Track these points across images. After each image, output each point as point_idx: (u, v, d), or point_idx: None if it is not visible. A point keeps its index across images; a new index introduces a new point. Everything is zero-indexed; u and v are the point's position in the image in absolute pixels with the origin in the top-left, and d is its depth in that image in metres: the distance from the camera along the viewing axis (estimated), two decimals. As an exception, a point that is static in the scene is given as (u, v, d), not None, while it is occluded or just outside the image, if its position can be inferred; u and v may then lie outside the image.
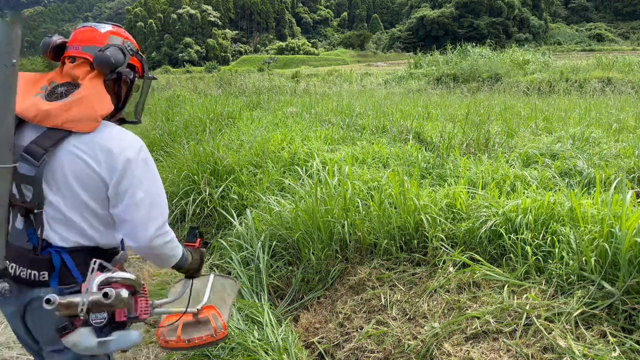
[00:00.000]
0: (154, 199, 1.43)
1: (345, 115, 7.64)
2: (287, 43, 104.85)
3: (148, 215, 1.40)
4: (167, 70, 58.98)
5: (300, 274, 3.28)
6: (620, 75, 15.49)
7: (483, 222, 2.94)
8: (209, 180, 4.79)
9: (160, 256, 1.49)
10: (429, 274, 2.86)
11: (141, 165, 1.42)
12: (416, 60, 26.24)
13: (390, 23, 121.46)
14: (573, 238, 2.55)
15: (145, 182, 1.42)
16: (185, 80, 21.98)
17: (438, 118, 7.54)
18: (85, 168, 1.37)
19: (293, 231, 3.45)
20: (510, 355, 2.08)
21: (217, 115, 8.05)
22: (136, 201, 1.39)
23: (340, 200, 3.36)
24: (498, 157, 4.44)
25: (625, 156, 4.37)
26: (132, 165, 1.40)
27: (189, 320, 2.06)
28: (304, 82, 19.83)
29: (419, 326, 2.45)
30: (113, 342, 1.29)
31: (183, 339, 1.99)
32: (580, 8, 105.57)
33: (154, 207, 1.42)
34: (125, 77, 1.56)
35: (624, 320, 2.12)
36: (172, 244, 1.49)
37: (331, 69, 34.02)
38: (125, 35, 1.56)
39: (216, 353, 2.61)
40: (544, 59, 21.69)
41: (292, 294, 3.25)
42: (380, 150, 5.02)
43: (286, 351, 2.56)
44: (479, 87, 16.38)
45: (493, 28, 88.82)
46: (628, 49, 55.61)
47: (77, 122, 1.36)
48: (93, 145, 1.38)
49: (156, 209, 1.43)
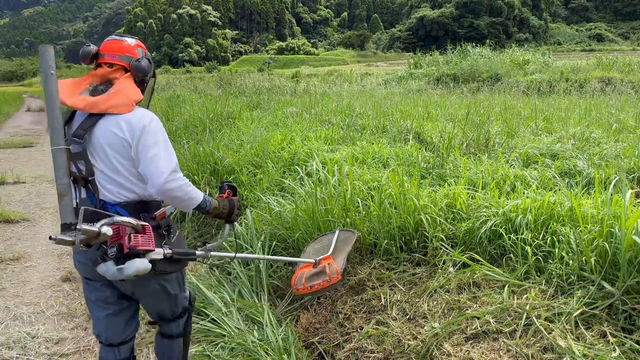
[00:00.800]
0: (162, 155, 1.84)
1: (345, 115, 7.64)
2: (287, 43, 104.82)
3: (159, 167, 1.81)
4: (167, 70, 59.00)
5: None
6: (620, 75, 15.48)
7: (483, 222, 2.94)
8: (209, 180, 4.79)
9: (177, 199, 1.86)
10: (429, 274, 2.86)
11: (152, 131, 1.85)
12: (416, 60, 26.23)
13: (390, 23, 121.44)
14: (573, 238, 2.55)
15: (155, 142, 1.84)
16: (185, 80, 21.99)
17: (438, 118, 7.54)
18: (114, 137, 1.83)
19: (293, 231, 3.45)
20: (510, 355, 2.08)
21: (217, 115, 8.06)
22: (150, 157, 1.81)
23: (340, 200, 3.36)
24: (498, 157, 4.44)
25: (625, 156, 4.37)
26: (145, 130, 1.84)
27: (312, 270, 2.66)
28: (304, 82, 19.83)
29: (419, 326, 2.45)
30: (126, 269, 1.67)
31: (307, 285, 2.59)
32: (580, 8, 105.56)
33: (162, 161, 1.82)
34: (148, 80, 2.08)
35: (624, 320, 2.12)
36: (185, 188, 1.86)
37: (331, 69, 34.03)
38: (144, 47, 2.06)
39: (216, 353, 2.61)
40: (544, 59, 21.69)
41: (292, 294, 3.25)
42: (380, 150, 5.02)
43: (286, 351, 2.56)
44: (479, 87, 16.36)
45: (493, 28, 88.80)
46: (628, 49, 55.59)
47: (118, 107, 1.83)
48: (118, 120, 1.83)
49: (164, 162, 1.83)
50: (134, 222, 1.74)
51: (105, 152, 1.84)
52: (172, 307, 2.14)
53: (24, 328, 3.07)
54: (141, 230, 1.76)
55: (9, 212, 5.47)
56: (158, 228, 1.91)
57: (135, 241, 1.71)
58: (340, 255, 2.79)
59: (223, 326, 2.81)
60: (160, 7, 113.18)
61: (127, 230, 1.72)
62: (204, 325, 2.88)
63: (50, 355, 2.79)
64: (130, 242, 1.69)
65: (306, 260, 2.79)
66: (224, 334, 2.75)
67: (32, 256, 4.36)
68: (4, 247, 4.58)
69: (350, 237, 2.94)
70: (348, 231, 2.98)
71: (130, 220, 1.73)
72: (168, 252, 1.85)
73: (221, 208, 2.08)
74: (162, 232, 1.92)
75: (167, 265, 1.88)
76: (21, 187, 7.05)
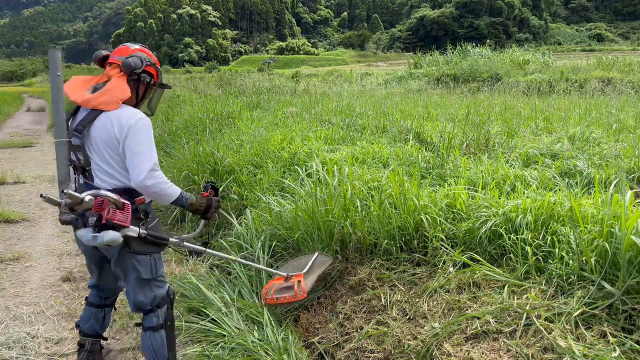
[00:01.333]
0: (144, 152, 2.06)
1: (345, 115, 7.64)
2: (287, 43, 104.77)
3: (139, 166, 2.04)
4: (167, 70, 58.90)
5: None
6: (620, 75, 15.48)
7: (483, 222, 2.94)
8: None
9: (154, 194, 2.10)
10: (429, 274, 2.86)
11: (137, 131, 2.07)
12: (416, 60, 26.23)
13: (390, 23, 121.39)
14: (573, 238, 2.55)
15: (138, 141, 2.07)
16: (186, 80, 21.97)
17: (438, 118, 7.54)
18: (106, 133, 2.08)
19: (293, 231, 3.45)
20: (510, 355, 2.08)
21: (217, 115, 8.05)
22: (134, 154, 2.05)
23: (340, 200, 3.36)
24: (498, 157, 4.44)
25: (625, 156, 4.37)
26: (131, 130, 2.06)
27: (283, 284, 2.85)
28: (304, 82, 19.81)
29: (419, 326, 2.45)
30: (100, 237, 1.93)
31: (274, 297, 2.77)
32: (580, 8, 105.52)
33: (145, 157, 2.05)
34: (143, 80, 2.26)
35: (624, 320, 2.12)
36: (161, 185, 2.08)
37: (331, 69, 34.03)
38: (148, 53, 2.31)
39: (216, 353, 2.61)
40: (544, 59, 21.69)
41: (292, 294, 3.25)
42: (380, 150, 5.02)
43: (286, 351, 2.56)
44: (479, 87, 16.36)
45: (493, 28, 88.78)
46: (628, 49, 55.58)
47: (105, 104, 2.09)
48: (110, 117, 2.09)
49: (146, 160, 2.05)
50: (116, 198, 2.00)
51: (99, 147, 2.11)
52: (147, 295, 2.28)
53: (24, 328, 3.07)
54: (121, 207, 2.02)
55: (9, 212, 5.47)
56: (136, 211, 2.15)
57: (113, 215, 1.96)
58: (312, 276, 2.93)
59: (223, 326, 2.81)
60: (160, 7, 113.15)
61: (109, 205, 1.97)
62: (204, 325, 2.88)
63: (50, 355, 2.79)
64: (108, 215, 1.94)
65: (278, 272, 2.97)
66: (224, 334, 2.75)
67: (32, 256, 4.36)
68: (4, 247, 4.58)
69: (326, 261, 3.07)
70: (325, 256, 3.13)
71: (114, 196, 1.99)
72: (143, 232, 2.13)
73: (197, 205, 2.28)
74: (140, 215, 2.18)
75: (141, 245, 2.16)
76: (21, 187, 7.05)
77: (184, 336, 2.86)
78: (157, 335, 2.30)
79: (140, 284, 2.25)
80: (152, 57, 2.31)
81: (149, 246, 2.19)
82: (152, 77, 2.29)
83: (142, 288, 2.26)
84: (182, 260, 4.12)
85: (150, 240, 2.16)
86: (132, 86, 2.22)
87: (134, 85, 2.24)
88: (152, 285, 2.28)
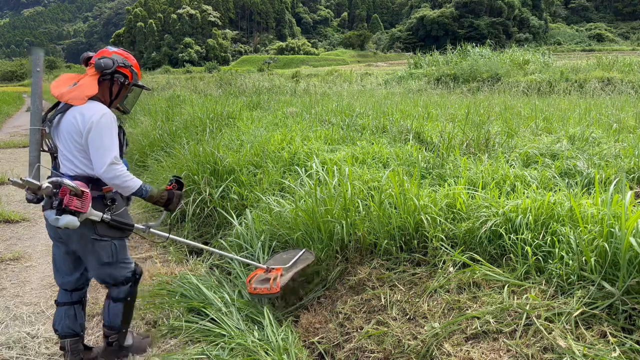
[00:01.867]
0: (105, 147, 2.26)
1: (345, 116, 7.64)
2: (287, 43, 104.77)
3: (102, 158, 2.25)
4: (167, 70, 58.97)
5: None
6: (620, 75, 15.47)
7: (483, 222, 2.94)
8: (209, 180, 4.79)
9: (115, 185, 2.32)
10: (429, 274, 2.86)
11: (99, 127, 2.26)
12: (416, 60, 26.25)
13: (390, 23, 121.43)
14: (573, 238, 2.55)
15: (100, 136, 2.26)
16: (185, 80, 21.98)
17: (438, 118, 7.53)
18: (72, 125, 2.30)
19: (293, 231, 3.45)
20: (510, 355, 2.08)
21: (217, 115, 8.05)
22: (95, 148, 2.26)
23: (340, 201, 3.36)
24: (498, 157, 4.44)
25: (625, 156, 4.37)
26: (94, 126, 2.25)
27: (264, 275, 3.00)
28: (304, 82, 19.82)
29: (419, 326, 2.45)
30: (61, 220, 2.14)
31: (253, 287, 2.95)
32: (580, 8, 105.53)
33: (105, 152, 2.25)
34: (117, 80, 2.44)
35: (624, 320, 2.12)
36: (122, 177, 2.29)
37: (331, 69, 34.02)
38: (126, 56, 2.49)
39: (216, 353, 2.61)
40: (544, 59, 21.69)
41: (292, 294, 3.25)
42: (380, 150, 5.02)
43: (286, 351, 2.56)
44: (479, 87, 16.36)
45: (493, 28, 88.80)
46: (628, 49, 55.62)
47: (74, 99, 2.31)
48: (76, 111, 2.31)
49: (107, 153, 2.25)
50: (74, 186, 2.18)
51: (65, 137, 2.33)
52: (109, 275, 2.51)
53: (24, 328, 3.07)
54: (80, 195, 2.20)
55: (9, 212, 5.47)
56: (103, 198, 2.38)
57: (70, 201, 2.16)
58: (291, 272, 3.03)
59: (223, 326, 2.81)
60: (160, 7, 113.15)
61: (68, 191, 2.17)
62: (204, 325, 2.88)
63: (50, 355, 2.79)
64: (66, 201, 2.15)
65: (255, 264, 3.16)
66: (224, 334, 2.75)
67: (32, 256, 4.36)
68: (4, 247, 4.58)
69: (309, 259, 3.16)
70: (311, 253, 3.22)
71: (73, 185, 2.18)
72: (107, 217, 2.34)
73: (158, 197, 2.49)
74: (107, 202, 2.38)
75: (106, 230, 2.38)
76: (21, 187, 7.05)
77: (184, 336, 2.86)
78: (115, 305, 2.57)
79: (102, 267, 2.46)
80: (129, 59, 2.48)
81: (114, 231, 2.40)
82: (127, 77, 2.46)
83: (104, 270, 2.48)
84: (182, 260, 4.12)
85: (115, 225, 2.38)
86: (106, 85, 2.43)
87: (108, 85, 2.43)
88: (114, 267, 2.49)
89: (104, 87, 2.42)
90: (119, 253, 2.48)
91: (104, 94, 2.44)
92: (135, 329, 2.99)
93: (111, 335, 2.61)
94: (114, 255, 2.45)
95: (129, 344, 2.71)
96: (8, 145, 11.23)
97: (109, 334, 2.61)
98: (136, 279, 2.63)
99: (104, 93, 2.44)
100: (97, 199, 2.34)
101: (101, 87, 2.42)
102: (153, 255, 4.31)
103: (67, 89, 2.32)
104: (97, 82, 2.36)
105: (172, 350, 2.77)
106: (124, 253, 2.53)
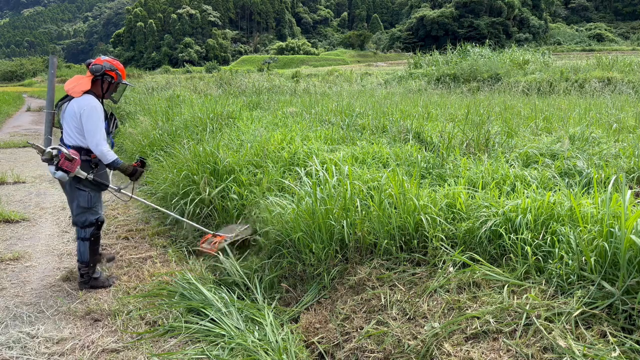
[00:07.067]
0: (94, 130, 3.38)
1: (345, 115, 7.63)
2: (287, 43, 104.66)
3: (92, 138, 3.39)
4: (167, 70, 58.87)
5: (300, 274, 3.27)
6: (620, 75, 15.46)
7: (483, 222, 2.94)
8: (209, 180, 4.78)
9: (99, 156, 3.44)
10: (429, 274, 2.86)
11: (87, 115, 3.36)
12: (416, 60, 26.20)
13: (390, 23, 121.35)
14: (573, 238, 2.54)
15: (89, 121, 3.36)
16: (185, 80, 21.94)
17: (438, 118, 7.53)
18: (71, 111, 3.42)
19: (293, 231, 3.45)
20: (510, 355, 2.08)
21: (217, 115, 8.04)
22: (87, 130, 3.38)
23: (340, 201, 3.36)
24: (498, 157, 4.43)
25: (625, 156, 4.37)
26: (84, 114, 3.37)
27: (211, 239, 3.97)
28: (303, 82, 19.81)
29: (419, 326, 2.45)
30: (57, 174, 3.34)
31: (202, 246, 3.95)
32: (580, 8, 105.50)
33: (95, 134, 3.38)
34: (106, 79, 3.56)
35: (624, 320, 2.12)
36: (104, 153, 3.42)
37: (331, 69, 33.98)
38: (114, 63, 3.58)
39: (216, 353, 2.61)
40: (544, 59, 21.66)
41: (293, 293, 3.25)
42: (380, 150, 5.01)
43: (286, 351, 2.56)
44: (479, 87, 16.35)
45: (493, 28, 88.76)
46: (628, 49, 55.62)
47: (73, 92, 3.43)
48: (75, 102, 3.43)
49: (95, 134, 3.38)
50: (67, 153, 3.29)
51: (66, 118, 3.45)
52: (82, 217, 3.54)
53: (24, 328, 3.07)
54: (71, 159, 3.31)
55: (9, 212, 5.47)
56: (90, 162, 3.50)
57: (63, 162, 3.30)
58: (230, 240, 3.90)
59: (223, 326, 2.81)
60: (160, 7, 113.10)
61: (64, 156, 3.28)
62: (204, 325, 2.88)
63: (50, 355, 2.79)
64: (59, 162, 3.29)
65: (204, 229, 4.21)
66: (224, 334, 2.75)
67: (32, 256, 4.36)
68: (4, 247, 4.58)
69: (248, 232, 4.00)
70: (252, 229, 4.03)
71: (67, 152, 3.29)
72: (90, 176, 3.45)
73: (124, 169, 3.59)
74: (92, 165, 3.51)
75: (88, 184, 3.50)
76: (21, 187, 7.05)
77: (184, 336, 2.86)
78: (83, 244, 3.57)
79: (79, 209, 3.53)
80: (115, 65, 3.56)
81: (94, 186, 3.53)
82: (113, 78, 3.56)
83: (80, 212, 3.54)
84: (182, 260, 4.12)
85: (95, 182, 3.51)
86: (99, 83, 3.55)
87: (100, 83, 3.55)
88: (87, 212, 3.55)
89: (97, 84, 3.55)
90: (93, 202, 3.54)
91: (97, 90, 3.56)
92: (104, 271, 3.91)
93: (82, 268, 3.58)
94: (89, 202, 3.52)
95: (97, 276, 3.65)
96: (8, 145, 11.23)
97: (81, 267, 3.59)
98: (98, 225, 3.61)
99: (97, 89, 3.55)
100: (85, 162, 3.46)
101: (95, 85, 3.54)
102: (153, 255, 4.31)
103: (71, 86, 3.43)
104: (91, 81, 3.50)
105: (171, 351, 2.77)
106: (96, 203, 3.58)
